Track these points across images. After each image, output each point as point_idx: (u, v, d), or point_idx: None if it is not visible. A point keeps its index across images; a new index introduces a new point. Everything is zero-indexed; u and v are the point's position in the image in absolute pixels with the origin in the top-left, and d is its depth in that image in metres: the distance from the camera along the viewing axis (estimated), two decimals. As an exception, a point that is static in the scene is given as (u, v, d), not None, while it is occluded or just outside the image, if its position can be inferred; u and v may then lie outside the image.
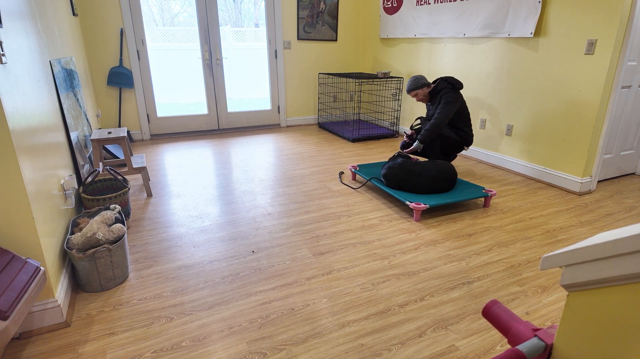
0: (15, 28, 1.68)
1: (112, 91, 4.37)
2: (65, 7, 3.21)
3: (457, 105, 3.14)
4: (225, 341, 1.53)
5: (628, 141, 3.39)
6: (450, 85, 3.19)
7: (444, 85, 3.20)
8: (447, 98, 3.14)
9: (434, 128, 3.13)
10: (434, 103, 3.27)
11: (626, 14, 2.66)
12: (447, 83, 3.20)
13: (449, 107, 3.10)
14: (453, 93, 3.14)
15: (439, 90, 3.22)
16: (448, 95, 3.14)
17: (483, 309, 0.97)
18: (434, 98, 3.27)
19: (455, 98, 3.13)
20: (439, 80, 3.24)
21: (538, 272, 2.02)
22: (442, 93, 3.18)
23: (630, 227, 0.61)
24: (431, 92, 3.28)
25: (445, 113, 3.10)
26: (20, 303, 1.23)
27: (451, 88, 3.17)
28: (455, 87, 3.18)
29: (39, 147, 1.71)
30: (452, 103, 3.12)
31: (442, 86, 3.21)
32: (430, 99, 3.32)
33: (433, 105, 3.30)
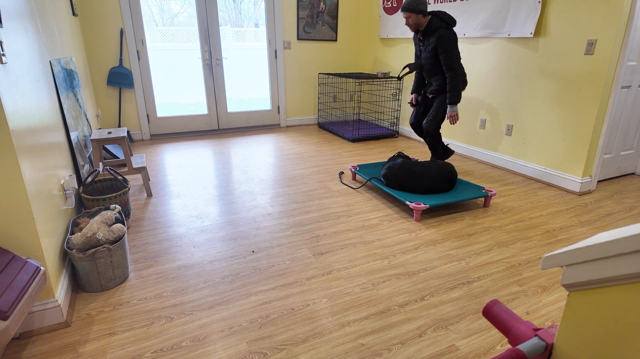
0: (15, 28, 1.67)
1: (112, 91, 4.37)
2: (65, 7, 3.21)
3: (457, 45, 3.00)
4: (225, 341, 1.53)
5: (628, 141, 3.39)
6: (445, 24, 2.98)
7: (439, 24, 2.98)
8: (448, 43, 2.93)
9: (456, 84, 2.97)
10: (426, 42, 3.07)
11: (626, 14, 2.66)
12: (441, 22, 2.99)
13: (456, 52, 2.94)
14: (451, 35, 2.95)
15: (434, 29, 2.99)
16: (448, 39, 2.93)
17: (483, 309, 0.97)
18: (427, 36, 3.05)
19: (455, 39, 2.95)
20: (432, 17, 3.01)
21: (538, 272, 2.02)
22: (438, 34, 2.95)
23: (630, 227, 0.61)
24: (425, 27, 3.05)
25: (455, 61, 2.94)
26: (21, 303, 1.23)
27: (447, 27, 2.97)
28: (451, 25, 2.99)
29: (39, 147, 1.71)
30: (455, 46, 2.95)
31: (437, 25, 2.98)
32: (422, 35, 3.09)
33: (424, 43, 3.11)
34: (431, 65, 3.11)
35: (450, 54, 2.95)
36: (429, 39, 3.04)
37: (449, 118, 3.09)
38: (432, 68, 3.13)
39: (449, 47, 2.94)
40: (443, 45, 2.94)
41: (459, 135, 4.15)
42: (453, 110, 3.05)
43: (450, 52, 2.94)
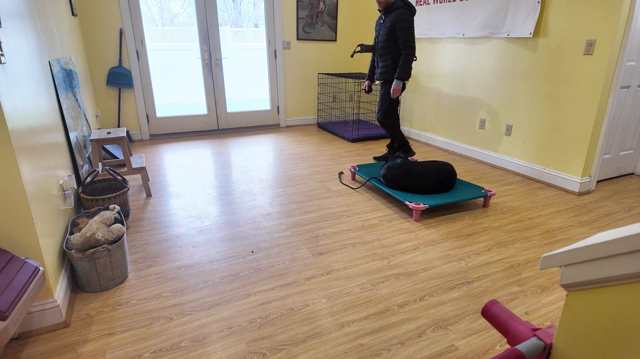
0: (15, 28, 1.67)
1: (112, 91, 4.37)
2: (65, 7, 3.20)
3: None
4: (224, 341, 1.53)
5: (627, 141, 3.39)
6: (407, 6, 3.15)
7: (401, 5, 3.15)
8: (406, 23, 3.09)
9: (408, 61, 3.14)
10: (386, 19, 3.22)
11: (625, 14, 2.66)
12: (403, 3, 3.16)
13: (412, 33, 3.11)
14: (410, 17, 3.11)
15: (396, 8, 3.16)
16: (406, 19, 3.09)
17: (482, 309, 0.97)
18: (388, 14, 3.21)
19: (413, 22, 3.13)
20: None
21: (537, 272, 2.02)
22: (399, 13, 3.12)
23: (629, 227, 0.61)
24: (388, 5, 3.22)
25: (412, 39, 3.12)
26: (20, 303, 1.23)
27: (408, 9, 3.13)
28: (411, 8, 3.15)
29: (38, 147, 1.71)
30: (413, 29, 3.12)
31: (400, 5, 3.15)
32: (384, 13, 3.26)
33: (383, 22, 3.25)
34: (386, 42, 3.26)
35: (408, 32, 3.12)
36: (389, 16, 3.19)
37: (393, 90, 3.29)
38: (386, 47, 3.28)
39: (407, 25, 3.11)
40: (402, 23, 3.10)
41: (458, 135, 4.15)
42: (397, 84, 3.26)
43: (408, 29, 3.11)
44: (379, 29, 3.38)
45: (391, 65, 3.33)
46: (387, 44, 3.28)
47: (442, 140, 4.37)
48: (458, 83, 4.03)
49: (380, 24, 3.35)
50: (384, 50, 3.32)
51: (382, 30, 3.30)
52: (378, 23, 3.40)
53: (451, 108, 4.18)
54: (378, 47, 3.39)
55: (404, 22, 3.11)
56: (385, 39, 3.27)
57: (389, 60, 3.32)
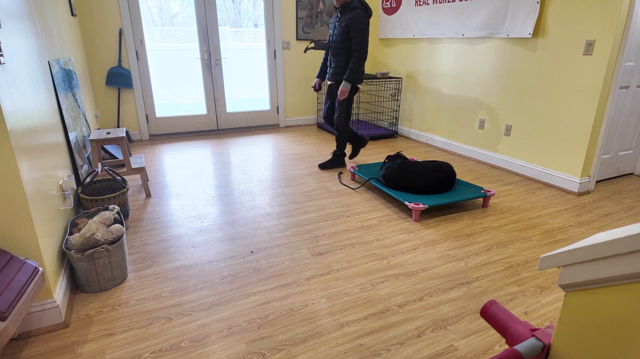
0: (14, 28, 1.67)
1: (111, 91, 4.37)
2: (64, 8, 3.20)
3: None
4: (224, 342, 1.53)
5: (626, 141, 3.39)
6: (363, 7, 3.07)
7: (358, 5, 3.07)
8: (361, 25, 3.02)
9: (360, 64, 3.09)
10: (342, 18, 3.12)
11: (624, 15, 2.66)
12: (360, 4, 3.07)
13: (366, 36, 3.05)
14: (365, 18, 3.04)
15: (353, 8, 3.07)
16: (363, 20, 3.02)
17: (481, 309, 0.97)
18: (345, 13, 3.11)
19: (368, 24, 3.07)
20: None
21: (536, 272, 2.02)
22: (355, 13, 3.02)
23: (628, 227, 0.61)
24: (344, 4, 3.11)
25: (365, 43, 3.06)
26: (19, 304, 1.23)
27: (364, 10, 3.05)
28: (367, 10, 3.08)
29: (38, 148, 1.71)
30: (367, 31, 3.05)
31: (356, 5, 3.07)
32: (340, 12, 3.15)
33: (339, 21, 3.15)
34: (340, 42, 3.17)
35: (362, 34, 3.04)
36: (345, 15, 3.09)
37: (340, 91, 3.20)
38: (340, 47, 3.19)
39: (362, 27, 3.03)
40: (357, 24, 3.02)
41: (458, 135, 4.15)
42: (346, 86, 3.17)
43: (362, 31, 3.04)
44: (334, 27, 3.26)
45: (344, 66, 3.25)
46: (341, 44, 3.18)
47: (442, 140, 4.37)
48: (457, 84, 4.03)
49: (336, 22, 3.23)
50: (338, 50, 3.22)
51: (337, 29, 3.19)
52: (333, 21, 3.29)
53: (451, 109, 4.18)
54: (332, 45, 3.27)
55: (359, 23, 3.03)
56: (340, 39, 3.16)
57: (343, 61, 3.23)
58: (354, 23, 3.03)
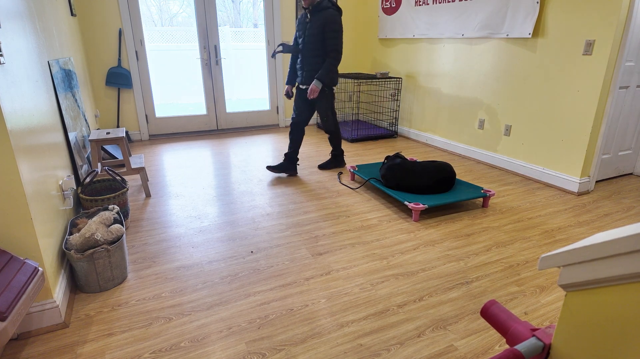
0: (14, 28, 1.67)
1: (111, 91, 4.37)
2: (64, 8, 3.20)
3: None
4: (224, 342, 1.53)
5: (626, 141, 3.39)
6: (335, 7, 2.98)
7: (329, 5, 2.97)
8: (336, 26, 2.93)
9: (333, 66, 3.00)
10: (313, 19, 3.00)
11: (624, 15, 2.67)
12: (331, 4, 2.98)
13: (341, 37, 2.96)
14: (339, 19, 2.94)
15: (324, 8, 2.97)
16: (337, 21, 2.93)
17: (481, 309, 0.97)
18: (315, 14, 2.99)
19: (341, 25, 2.98)
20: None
21: (536, 272, 2.02)
22: (328, 13, 2.92)
23: (628, 227, 0.61)
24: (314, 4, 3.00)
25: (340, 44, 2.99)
26: (19, 304, 1.23)
27: (336, 10, 2.97)
28: (339, 10, 3.01)
29: (37, 148, 1.71)
30: (342, 32, 2.96)
31: (327, 5, 2.97)
32: (310, 13, 3.03)
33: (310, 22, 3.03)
34: (312, 44, 3.05)
35: (338, 34, 2.96)
36: (316, 16, 2.99)
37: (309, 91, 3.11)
38: (314, 48, 3.06)
39: (337, 27, 2.94)
40: (332, 25, 2.93)
41: (458, 135, 4.15)
42: (317, 85, 3.07)
43: (337, 32, 2.95)
44: (303, 28, 3.11)
45: (317, 69, 3.13)
46: (315, 46, 3.05)
47: (442, 140, 4.37)
48: (457, 84, 4.03)
49: (306, 23, 3.09)
50: (313, 52, 3.08)
51: (308, 30, 3.05)
52: (302, 22, 3.13)
53: (450, 109, 4.18)
54: (304, 48, 3.13)
55: (335, 24, 2.95)
56: (313, 40, 3.03)
57: (319, 64, 3.11)
58: (330, 24, 2.93)
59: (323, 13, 2.95)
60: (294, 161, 3.44)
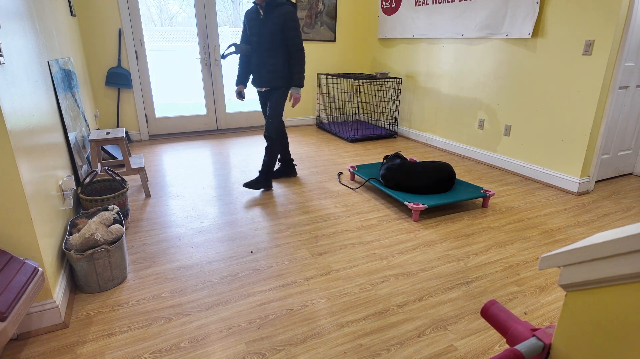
0: (14, 28, 1.67)
1: (111, 91, 4.37)
2: (64, 8, 3.20)
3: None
4: (224, 342, 1.53)
5: (626, 141, 3.40)
6: (290, 2, 2.80)
7: (285, 1, 2.78)
8: (296, 23, 2.75)
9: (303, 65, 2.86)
10: (269, 16, 2.75)
11: (624, 15, 2.67)
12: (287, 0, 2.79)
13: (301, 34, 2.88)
14: (297, 15, 2.79)
15: (281, 4, 2.76)
16: (296, 19, 2.76)
17: (481, 309, 0.97)
18: (271, 9, 2.76)
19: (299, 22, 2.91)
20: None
21: (536, 272, 2.02)
22: (286, 9, 2.73)
23: (628, 227, 0.61)
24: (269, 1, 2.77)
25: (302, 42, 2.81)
26: (19, 304, 1.23)
27: (293, 6, 2.79)
28: (295, 6, 2.83)
29: (37, 148, 1.71)
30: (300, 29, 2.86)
31: (283, 1, 2.77)
32: (265, 9, 2.77)
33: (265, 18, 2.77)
34: (273, 43, 2.81)
35: (298, 32, 2.78)
36: (272, 12, 2.74)
37: (292, 100, 2.96)
38: (273, 47, 2.82)
39: (297, 25, 2.78)
40: (292, 22, 2.75)
41: (457, 135, 4.15)
42: (298, 92, 2.94)
43: (298, 30, 2.77)
44: (257, 25, 2.83)
45: (281, 69, 2.87)
46: (274, 45, 2.82)
47: (441, 140, 4.37)
48: (457, 84, 4.03)
49: (260, 20, 2.81)
50: (272, 52, 2.84)
51: (263, 27, 2.79)
52: (255, 18, 2.84)
53: (450, 109, 4.18)
54: (259, 47, 2.86)
55: (294, 21, 2.76)
56: (272, 38, 2.79)
57: (279, 64, 2.86)
58: (290, 21, 2.75)
59: (280, 9, 2.73)
60: (290, 163, 3.38)
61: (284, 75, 2.91)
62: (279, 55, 2.85)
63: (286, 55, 2.87)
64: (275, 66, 2.87)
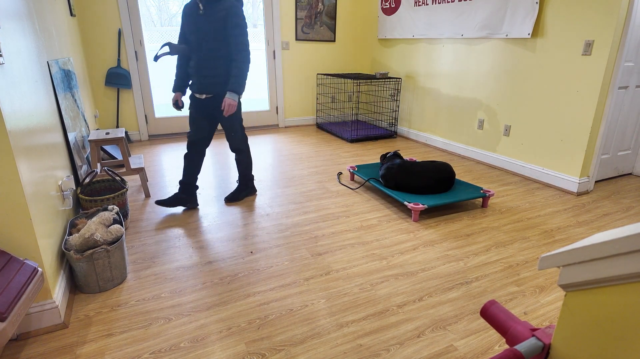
0: (13, 28, 1.67)
1: (110, 92, 4.37)
2: (63, 8, 3.20)
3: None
4: (223, 342, 1.53)
5: (625, 141, 3.40)
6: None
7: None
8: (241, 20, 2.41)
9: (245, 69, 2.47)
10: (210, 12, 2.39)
11: (623, 15, 2.67)
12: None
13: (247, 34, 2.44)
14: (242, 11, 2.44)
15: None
16: (241, 16, 2.42)
17: (481, 309, 0.97)
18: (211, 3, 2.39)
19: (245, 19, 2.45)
20: None
21: (536, 272, 2.02)
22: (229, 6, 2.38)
23: (627, 227, 0.61)
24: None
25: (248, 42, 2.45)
26: (18, 304, 1.23)
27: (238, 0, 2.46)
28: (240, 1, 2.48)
29: (37, 148, 1.70)
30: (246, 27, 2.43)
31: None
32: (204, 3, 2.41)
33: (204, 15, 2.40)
34: (211, 43, 2.42)
35: (244, 31, 2.43)
36: (214, 7, 2.39)
37: (227, 106, 2.46)
38: (215, 48, 2.44)
39: (243, 22, 2.42)
40: (235, 18, 2.39)
41: (457, 135, 4.15)
42: (234, 99, 2.45)
43: (243, 27, 2.42)
44: (196, 21, 2.43)
45: (226, 73, 2.50)
46: (216, 45, 2.43)
47: (441, 140, 4.37)
48: (457, 84, 4.04)
49: (200, 16, 2.42)
50: (212, 54, 2.44)
51: (204, 25, 2.41)
52: (193, 14, 2.44)
53: (450, 109, 4.19)
54: (198, 48, 2.46)
55: (238, 17, 2.40)
56: (212, 38, 2.41)
57: (222, 67, 2.48)
58: (233, 17, 2.38)
59: (223, 3, 2.39)
60: (193, 191, 2.74)
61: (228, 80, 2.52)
62: (219, 58, 2.46)
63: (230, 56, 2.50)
64: (217, 70, 2.47)
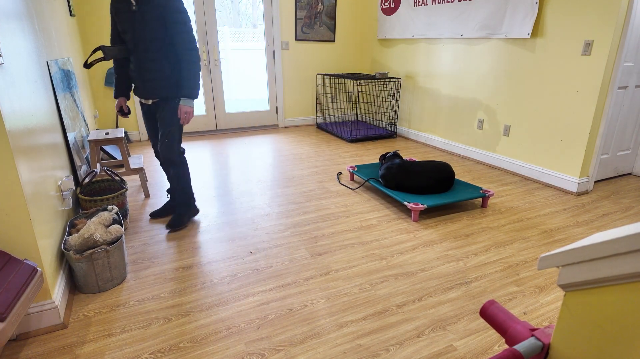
0: (12, 28, 1.67)
1: (110, 92, 4.36)
2: (63, 8, 3.20)
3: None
4: (223, 342, 1.53)
5: (625, 141, 3.40)
6: None
7: None
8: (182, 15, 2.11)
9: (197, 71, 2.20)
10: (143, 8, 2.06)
11: (622, 15, 2.67)
12: None
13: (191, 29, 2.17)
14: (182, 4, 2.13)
15: None
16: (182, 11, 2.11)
17: (481, 309, 0.97)
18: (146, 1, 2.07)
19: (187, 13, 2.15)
20: None
21: (535, 272, 2.02)
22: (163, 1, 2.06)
23: (627, 227, 0.61)
24: None
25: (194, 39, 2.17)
26: (17, 305, 1.23)
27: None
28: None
29: (36, 148, 1.70)
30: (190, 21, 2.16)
31: None
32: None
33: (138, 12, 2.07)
34: (149, 43, 2.14)
35: (187, 27, 2.13)
36: (148, 3, 2.07)
37: (183, 114, 2.23)
38: (156, 48, 2.16)
39: (185, 17, 2.12)
40: (175, 14, 2.09)
41: (457, 135, 4.16)
42: (189, 105, 2.23)
43: (186, 23, 2.13)
44: (128, 20, 2.12)
45: (170, 74, 2.22)
46: (156, 45, 2.15)
47: (441, 140, 4.37)
48: (456, 84, 4.04)
49: (132, 13, 2.10)
50: (154, 54, 2.16)
51: (139, 24, 2.10)
52: (125, 10, 2.11)
53: (449, 109, 4.19)
54: (136, 49, 2.17)
55: (178, 12, 2.09)
56: (151, 38, 2.13)
57: (165, 69, 2.20)
58: (173, 13, 2.08)
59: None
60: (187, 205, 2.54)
61: (174, 83, 2.25)
62: (164, 57, 2.20)
63: (174, 59, 2.24)
64: (160, 72, 2.21)
